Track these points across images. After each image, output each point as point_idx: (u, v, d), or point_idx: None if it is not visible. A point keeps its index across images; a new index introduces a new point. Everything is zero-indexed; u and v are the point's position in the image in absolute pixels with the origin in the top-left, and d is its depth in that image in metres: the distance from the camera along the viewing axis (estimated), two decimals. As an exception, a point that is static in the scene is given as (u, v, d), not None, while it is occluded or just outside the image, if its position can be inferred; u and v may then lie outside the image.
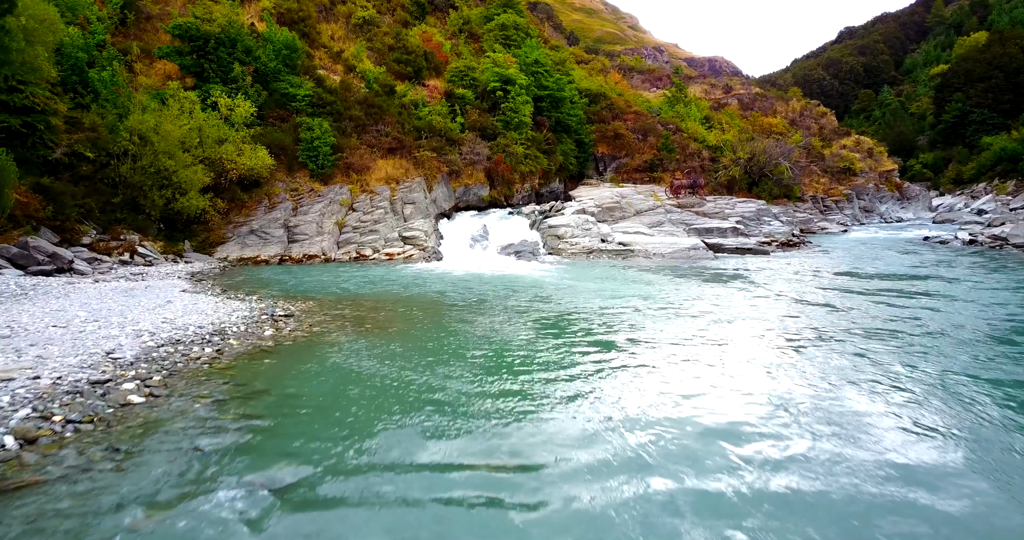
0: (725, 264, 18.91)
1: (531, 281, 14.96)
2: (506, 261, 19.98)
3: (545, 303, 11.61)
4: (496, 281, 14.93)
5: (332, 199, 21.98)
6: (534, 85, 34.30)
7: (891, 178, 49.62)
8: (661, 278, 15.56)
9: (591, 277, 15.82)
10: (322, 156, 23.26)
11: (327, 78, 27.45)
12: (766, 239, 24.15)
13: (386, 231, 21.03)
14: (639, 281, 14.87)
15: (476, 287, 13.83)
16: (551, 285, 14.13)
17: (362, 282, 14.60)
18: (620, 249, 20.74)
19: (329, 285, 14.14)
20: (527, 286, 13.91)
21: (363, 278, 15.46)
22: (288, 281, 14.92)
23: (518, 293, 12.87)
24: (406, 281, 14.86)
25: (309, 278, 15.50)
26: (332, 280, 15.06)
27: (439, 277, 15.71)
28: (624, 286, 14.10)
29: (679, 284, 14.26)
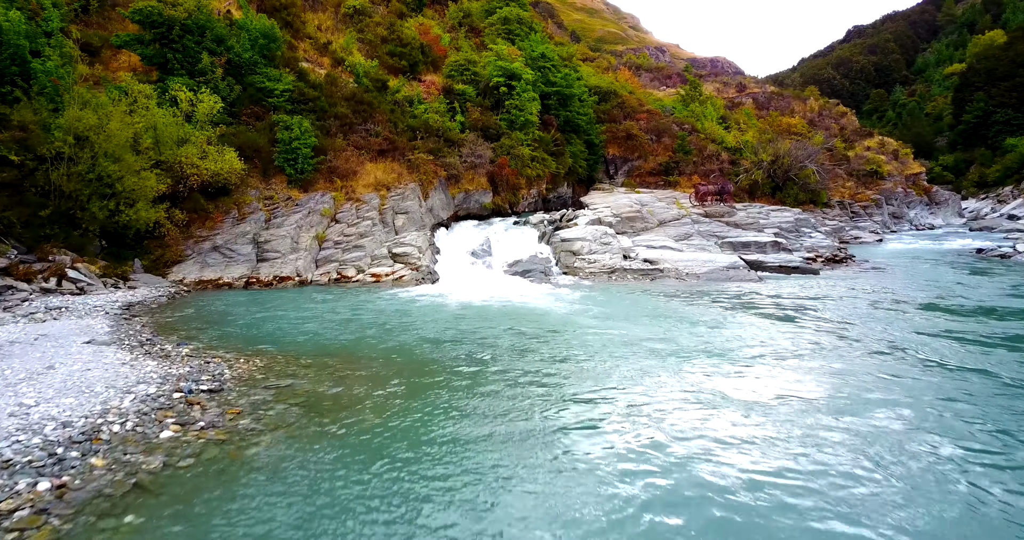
0: (774, 288, 15.91)
1: (548, 317, 11.96)
2: (514, 283, 16.99)
3: (576, 364, 8.59)
4: (504, 317, 11.92)
5: (312, 209, 18.99)
6: (541, 81, 31.36)
7: (919, 182, 46.64)
8: (710, 311, 12.56)
9: (622, 310, 12.80)
10: (302, 159, 20.28)
11: (311, 72, 24.49)
12: (809, 254, 21.15)
13: (373, 247, 18.03)
14: (684, 318, 11.86)
15: (479, 329, 10.82)
16: (575, 326, 11.12)
17: (335, 320, 11.58)
18: (647, 268, 17.74)
19: (293, 325, 11.13)
20: (544, 328, 10.91)
21: (338, 312, 12.44)
22: (244, 317, 11.91)
23: (534, 342, 9.87)
24: (390, 318, 11.84)
25: (272, 312, 12.49)
26: (299, 316, 12.04)
27: (433, 310, 12.69)
28: (667, 325, 11.09)
29: (740, 324, 11.23)
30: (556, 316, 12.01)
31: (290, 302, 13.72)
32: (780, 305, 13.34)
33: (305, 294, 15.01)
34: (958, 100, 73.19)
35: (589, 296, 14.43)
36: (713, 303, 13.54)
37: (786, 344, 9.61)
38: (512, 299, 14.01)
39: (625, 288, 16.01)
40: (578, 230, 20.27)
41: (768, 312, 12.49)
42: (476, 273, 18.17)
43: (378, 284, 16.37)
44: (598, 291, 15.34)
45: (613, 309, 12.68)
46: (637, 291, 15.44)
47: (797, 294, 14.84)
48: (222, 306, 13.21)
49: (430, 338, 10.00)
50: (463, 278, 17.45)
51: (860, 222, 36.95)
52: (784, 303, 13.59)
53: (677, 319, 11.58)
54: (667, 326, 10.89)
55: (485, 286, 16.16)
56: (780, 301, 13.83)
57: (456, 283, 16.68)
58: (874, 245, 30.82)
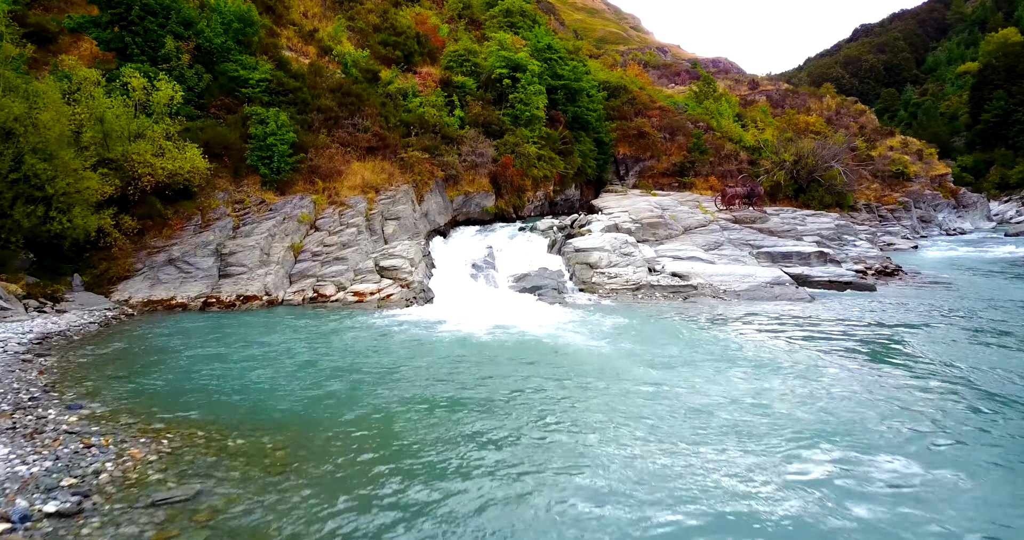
0: (834, 310, 13.33)
1: (574, 360, 9.37)
2: (522, 302, 14.42)
3: (646, 466, 6.00)
4: (516, 360, 9.32)
5: (288, 214, 16.43)
6: (547, 73, 28.81)
7: (945, 183, 44.08)
8: (779, 349, 9.96)
9: (666, 346, 10.18)
10: (278, 157, 17.70)
11: (293, 60, 21.92)
12: (856, 265, 18.58)
13: (357, 259, 15.44)
14: (755, 362, 9.25)
15: (485, 382, 8.24)
16: (614, 376, 8.52)
17: (296, 364, 8.99)
18: (677, 284, 15.16)
19: (239, 372, 8.54)
20: (573, 380, 8.31)
21: (303, 351, 9.83)
22: (181, 357, 9.32)
23: (566, 412, 7.28)
24: (368, 361, 9.25)
25: (220, 348, 9.90)
26: (251, 356, 9.44)
27: (424, 348, 10.08)
28: (742, 378, 8.49)
29: (835, 377, 8.59)
30: (584, 357, 9.39)
31: (248, 332, 11.12)
32: (856, 336, 10.76)
33: (271, 319, 12.41)
34: (975, 99, 70.70)
35: (617, 324, 11.81)
36: (774, 334, 10.93)
37: (915, 418, 6.99)
38: (523, 327, 11.41)
39: (655, 310, 13.42)
40: (594, 239, 17.69)
41: (849, 348, 9.89)
42: (477, 290, 15.58)
43: (361, 305, 13.77)
44: (624, 315, 12.74)
45: (655, 347, 10.01)
46: (671, 314, 12.85)
47: (866, 319, 12.25)
48: (162, 338, 10.61)
49: (418, 399, 7.39)
50: (462, 296, 14.86)
51: (889, 226, 34.40)
52: (859, 333, 11.00)
53: (746, 364, 8.94)
54: (743, 380, 8.21)
55: (488, 307, 13.58)
56: (853, 330, 11.24)
57: (454, 303, 14.10)
58: (910, 253, 28.24)
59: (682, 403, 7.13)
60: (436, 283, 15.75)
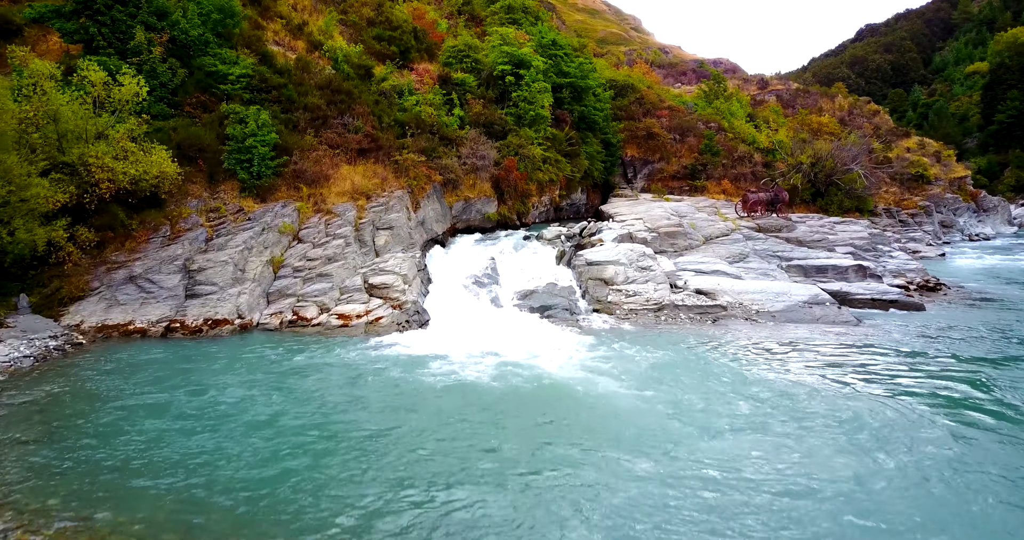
0: (887, 336, 11.62)
1: (594, 408, 7.63)
2: (529, 326, 12.71)
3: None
4: (525, 413, 7.59)
5: (268, 224, 14.72)
6: (552, 70, 27.12)
7: (964, 186, 42.35)
8: (847, 397, 8.24)
9: (705, 393, 8.45)
10: (258, 160, 16.00)
11: (279, 55, 20.22)
12: (896, 279, 16.87)
13: (344, 275, 13.73)
14: (817, 416, 7.53)
15: (488, 449, 6.50)
16: (646, 434, 6.77)
17: (251, 423, 7.27)
18: (704, 304, 13.44)
19: (178, 436, 6.85)
20: (594, 436, 6.56)
21: (259, 403, 8.07)
22: (116, 409, 7.63)
23: (588, 490, 5.56)
24: (341, 420, 7.51)
25: (165, 395, 8.18)
26: (194, 410, 7.73)
27: (415, 399, 8.29)
28: (794, 433, 6.79)
29: (922, 438, 6.90)
30: (616, 414, 7.60)
31: (206, 370, 9.39)
32: (932, 375, 9.05)
33: (237, 351, 10.67)
34: (988, 99, 69.12)
35: (646, 360, 10.04)
36: (838, 377, 9.19)
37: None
38: (536, 365, 9.64)
39: (684, 337, 11.69)
40: (607, 250, 15.97)
41: (935, 397, 8.17)
42: (479, 310, 13.86)
43: (346, 330, 12.03)
44: (651, 345, 11.00)
45: (701, 398, 8.10)
46: (705, 344, 11.12)
47: (930, 350, 10.53)
48: (103, 379, 8.89)
49: (402, 494, 5.62)
50: (462, 318, 13.14)
51: (910, 232, 32.68)
52: (932, 371, 9.29)
53: (827, 430, 7.16)
54: (835, 456, 6.46)
55: (492, 332, 11.85)
56: (924, 367, 9.54)
57: (453, 327, 12.38)
58: (938, 261, 26.52)
59: (763, 497, 5.38)
60: (433, 301, 14.03)
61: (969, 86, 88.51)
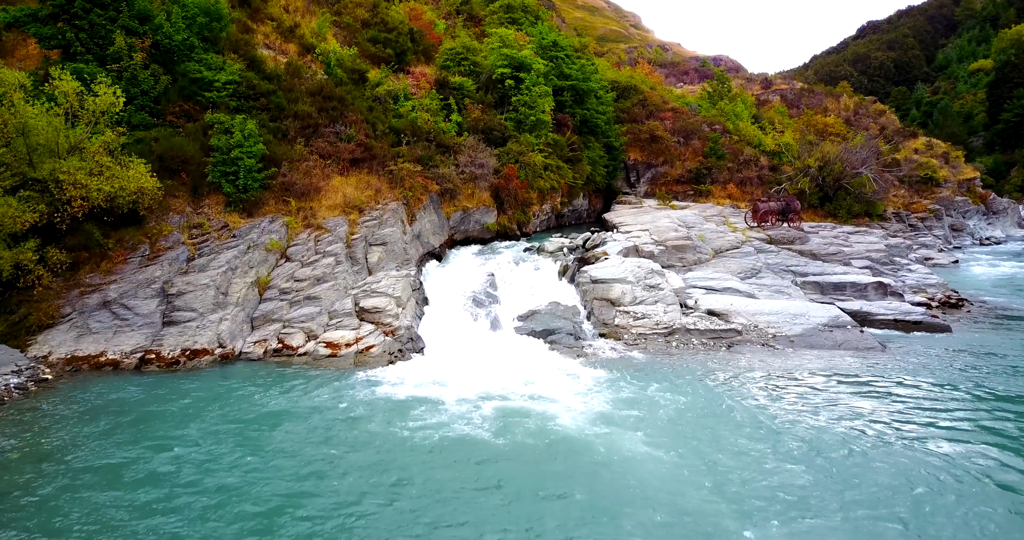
0: (918, 364, 10.81)
1: (613, 471, 6.81)
2: (531, 354, 11.88)
3: None
4: (532, 478, 6.75)
5: (254, 241, 13.89)
6: (553, 73, 26.27)
7: (973, 188, 41.48)
8: (898, 453, 7.43)
9: (733, 444, 7.62)
10: (244, 173, 15.16)
11: (268, 60, 19.36)
12: (916, 295, 16.04)
13: (333, 297, 12.90)
14: (879, 492, 6.73)
15: (489, 532, 5.68)
16: (678, 512, 5.96)
17: (209, 494, 6.46)
18: (717, 329, 12.61)
19: (115, 517, 6.01)
20: (618, 513, 5.76)
21: (223, 463, 7.22)
22: (59, 474, 6.82)
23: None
24: (316, 490, 6.67)
25: (116, 456, 7.37)
26: (148, 475, 6.92)
27: (405, 460, 7.37)
28: (843, 507, 5.98)
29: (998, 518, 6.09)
30: (640, 479, 6.72)
31: (171, 417, 8.54)
32: (974, 416, 8.23)
33: (213, 389, 9.83)
34: (994, 98, 68.24)
35: (662, 399, 9.17)
36: (872, 418, 8.36)
37: None
38: (539, 408, 8.75)
39: (698, 367, 10.86)
40: (613, 266, 15.14)
41: (988, 444, 7.36)
42: (477, 334, 13.03)
43: (334, 361, 11.20)
44: (663, 379, 10.17)
45: (729, 453, 7.23)
46: (722, 376, 10.29)
47: (969, 383, 9.71)
48: (61, 430, 8.07)
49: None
50: (458, 344, 12.31)
51: (920, 237, 31.85)
52: (981, 413, 8.47)
53: (869, 494, 6.37)
54: None
55: (491, 363, 11.03)
56: (972, 407, 8.70)
57: (448, 356, 11.55)
58: (952, 269, 25.69)
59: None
60: (429, 325, 13.21)
61: (973, 84, 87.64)
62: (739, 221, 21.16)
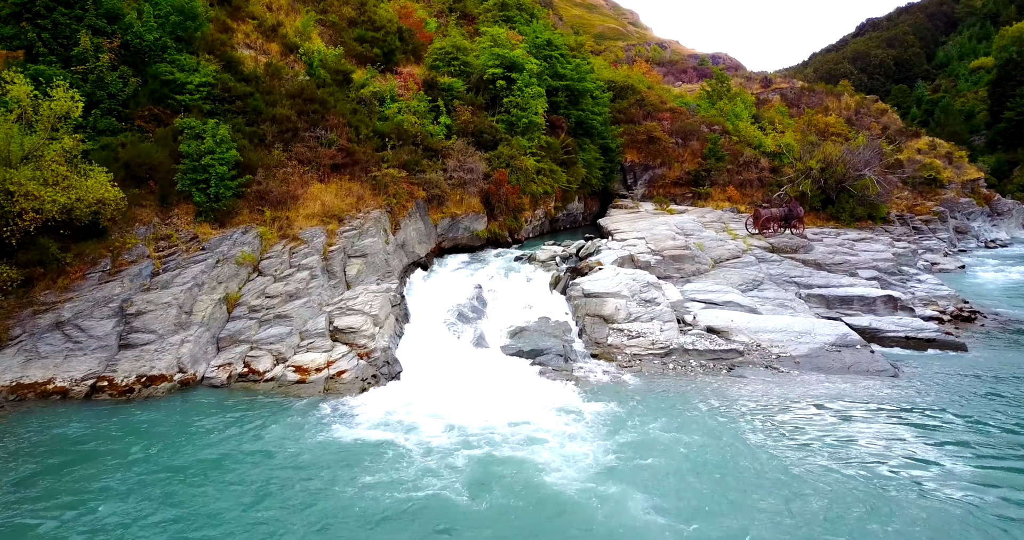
0: (937, 391, 9.98)
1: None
2: (518, 379, 11.04)
3: None
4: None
5: (225, 254, 13.04)
6: (547, 73, 25.44)
7: (977, 189, 40.67)
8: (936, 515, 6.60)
9: (745, 512, 6.75)
10: (215, 180, 14.30)
11: (248, 60, 18.48)
12: (925, 307, 15.21)
13: (306, 315, 12.05)
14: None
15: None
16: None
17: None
18: (717, 349, 11.78)
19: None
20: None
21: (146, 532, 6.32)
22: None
23: None
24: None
25: (33, 510, 6.51)
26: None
27: (354, 507, 6.54)
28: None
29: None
30: None
31: (115, 457, 7.69)
32: (1003, 458, 7.39)
33: (164, 423, 8.97)
34: (996, 96, 67.46)
35: (658, 439, 8.27)
36: (893, 460, 7.52)
37: None
38: (524, 455, 7.83)
39: (697, 396, 10.01)
40: (606, 278, 14.31)
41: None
42: (461, 354, 12.18)
43: (302, 388, 10.34)
44: (660, 412, 9.31)
45: (737, 518, 6.44)
46: (722, 407, 9.45)
47: (998, 421, 8.88)
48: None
49: None
50: (439, 367, 11.46)
51: (925, 240, 31.00)
52: (1002, 446, 7.64)
53: None
54: None
55: (472, 391, 10.19)
56: (996, 447, 7.88)
57: (426, 384, 10.69)
58: (959, 275, 24.86)
59: None
60: (409, 344, 12.36)
61: (974, 82, 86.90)
62: (739, 227, 20.32)
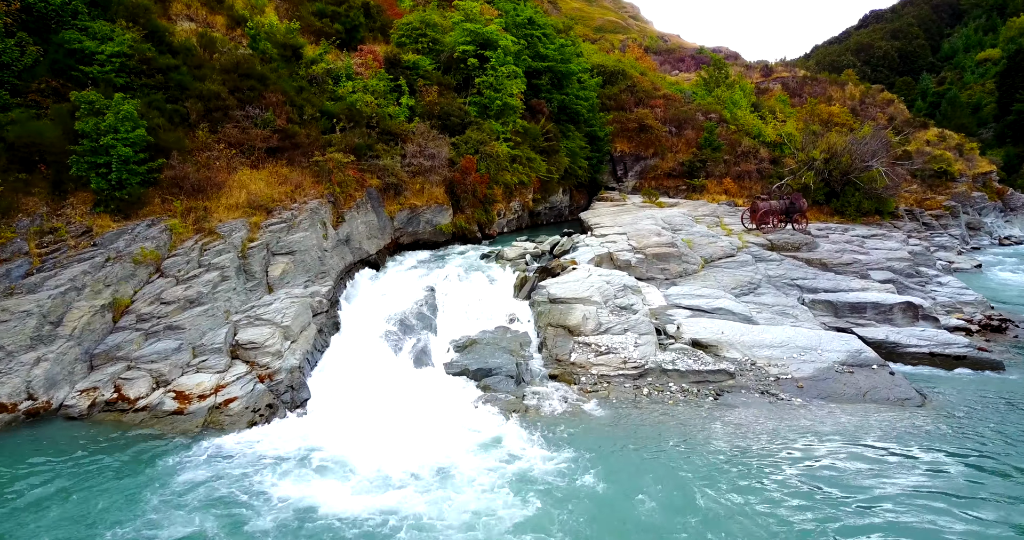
0: (978, 429, 7.87)
1: None
2: (456, 410, 8.92)
3: None
4: None
5: (120, 251, 10.94)
6: (527, 53, 23.25)
7: (989, 183, 38.51)
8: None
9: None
10: (118, 164, 12.15)
11: (172, 30, 16.29)
12: (947, 314, 13.09)
13: (205, 326, 9.93)
14: None
15: None
16: None
17: None
18: (703, 368, 9.66)
19: None
20: None
21: None
22: None
23: None
24: None
25: None
26: None
27: None
28: None
29: None
30: None
31: None
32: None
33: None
34: (1004, 88, 65.23)
35: (620, 505, 6.23)
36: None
37: None
38: (442, 530, 5.82)
39: (675, 435, 7.89)
40: (577, 281, 12.18)
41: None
42: (395, 375, 10.05)
43: (177, 421, 8.22)
44: (625, 458, 7.20)
45: None
46: (707, 449, 7.34)
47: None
48: None
49: None
50: (362, 393, 9.33)
51: (936, 237, 28.88)
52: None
53: None
54: None
55: (394, 423, 8.08)
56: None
57: (337, 415, 8.58)
58: (975, 274, 22.75)
59: None
60: (330, 363, 10.24)
61: (981, 74, 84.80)
62: (735, 222, 18.18)
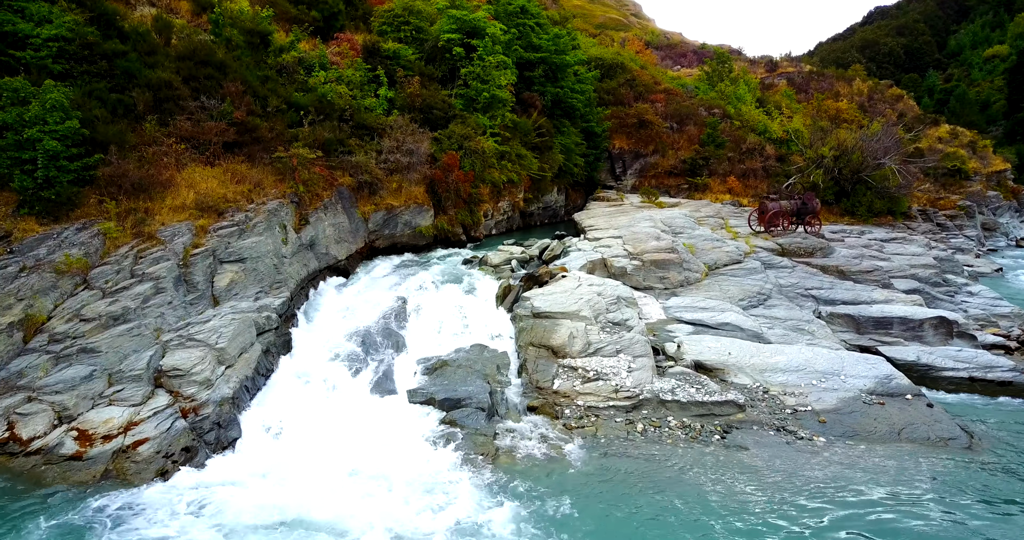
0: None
1: None
2: (413, 454, 7.48)
3: None
4: None
5: (40, 259, 9.56)
6: (519, 43, 21.81)
7: (1004, 181, 37.04)
8: None
9: None
10: (45, 160, 10.74)
11: (126, 14, 14.88)
12: (980, 327, 11.63)
13: (127, 348, 8.52)
14: None
15: None
16: None
17: None
18: (708, 399, 8.23)
19: None
20: None
21: None
22: None
23: None
24: None
25: None
26: None
27: None
28: None
29: None
30: None
31: None
32: None
33: None
34: (1014, 85, 63.75)
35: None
36: None
37: None
38: None
39: (673, 483, 6.48)
40: (564, 292, 10.75)
41: None
42: (349, 405, 8.62)
43: (73, 468, 6.80)
44: (610, 516, 5.78)
45: None
46: (706, 505, 5.92)
47: None
48: None
49: None
50: (306, 429, 7.91)
51: (952, 238, 27.37)
52: None
53: None
54: None
55: (337, 472, 6.67)
56: None
57: (270, 460, 7.18)
58: (997, 279, 21.29)
59: None
60: (275, 391, 8.81)
61: (988, 71, 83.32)
62: (741, 224, 16.73)
